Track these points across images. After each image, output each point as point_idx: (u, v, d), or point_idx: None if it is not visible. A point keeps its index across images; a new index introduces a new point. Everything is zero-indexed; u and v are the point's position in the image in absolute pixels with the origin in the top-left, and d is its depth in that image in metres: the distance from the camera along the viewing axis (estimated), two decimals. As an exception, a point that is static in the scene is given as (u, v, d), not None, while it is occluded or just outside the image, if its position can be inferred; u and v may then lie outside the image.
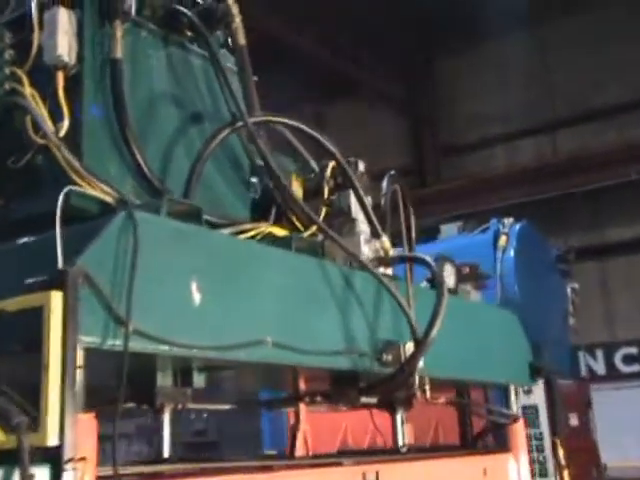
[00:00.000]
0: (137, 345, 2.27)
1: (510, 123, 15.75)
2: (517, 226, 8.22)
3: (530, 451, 7.14)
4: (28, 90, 2.86)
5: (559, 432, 4.66)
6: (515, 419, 4.31)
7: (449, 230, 9.11)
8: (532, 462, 7.10)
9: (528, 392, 7.16)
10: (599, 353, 14.35)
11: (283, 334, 2.79)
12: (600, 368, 14.29)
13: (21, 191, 2.88)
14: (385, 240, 3.49)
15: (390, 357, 3.24)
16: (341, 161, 3.43)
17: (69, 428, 2.02)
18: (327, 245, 3.29)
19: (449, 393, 4.73)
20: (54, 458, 2.00)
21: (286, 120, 3.35)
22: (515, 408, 4.42)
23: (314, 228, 3.39)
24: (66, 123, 2.80)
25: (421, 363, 3.29)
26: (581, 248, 14.57)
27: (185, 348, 2.42)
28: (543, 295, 8.32)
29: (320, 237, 3.39)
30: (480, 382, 4.35)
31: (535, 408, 7.20)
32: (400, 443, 4.05)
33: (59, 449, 1.99)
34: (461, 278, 4.45)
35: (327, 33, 14.80)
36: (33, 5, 2.97)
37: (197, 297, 2.50)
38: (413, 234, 4.18)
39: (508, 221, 8.28)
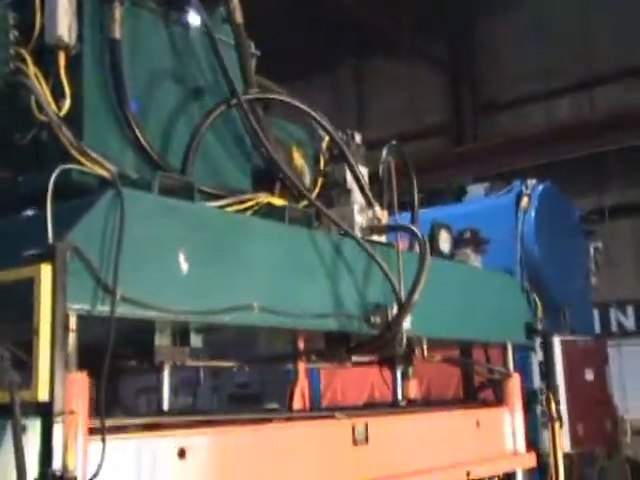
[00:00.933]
0: (125, 311, 2.50)
1: (549, 80, 15.58)
2: (539, 187, 8.28)
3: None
4: (32, 70, 3.03)
5: (555, 387, 4.84)
6: (509, 375, 4.50)
7: (476, 191, 9.19)
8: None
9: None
10: (630, 309, 14.35)
11: (270, 299, 3.00)
12: (630, 324, 14.30)
13: (27, 166, 3.09)
14: (377, 209, 3.65)
15: (378, 319, 3.44)
16: (334, 136, 3.59)
17: (59, 385, 2.26)
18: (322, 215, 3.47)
19: (453, 351, 4.94)
20: (45, 412, 2.24)
21: (278, 96, 3.50)
22: (511, 365, 4.59)
23: (309, 198, 3.58)
24: (67, 102, 2.99)
25: (408, 324, 3.48)
26: (615, 206, 14.53)
27: (171, 313, 2.65)
28: (565, 255, 8.40)
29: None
30: (475, 340, 4.53)
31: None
32: (399, 397, 4.29)
33: (49, 404, 2.23)
34: (461, 243, 4.61)
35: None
36: (35, -15, 3.15)
37: (184, 267, 2.71)
38: (415, 201, 4.33)
39: (531, 182, 8.33)
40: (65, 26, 3.03)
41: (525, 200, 8.06)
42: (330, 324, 3.28)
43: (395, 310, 3.41)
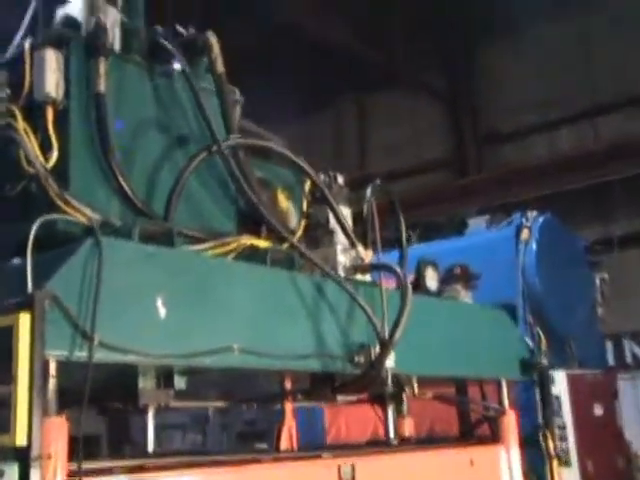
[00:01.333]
0: (104, 356, 2.59)
1: (550, 111, 15.68)
2: (540, 219, 8.33)
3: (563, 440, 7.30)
4: (21, 125, 3.19)
5: (552, 423, 4.84)
6: (503, 412, 4.52)
7: (477, 224, 9.26)
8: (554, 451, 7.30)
9: (552, 383, 7.33)
10: (645, 340, 14.19)
11: (251, 341, 3.08)
12: (646, 355, 14.14)
13: (17, 216, 3.21)
14: (360, 249, 3.74)
15: (362, 359, 3.50)
16: (315, 179, 3.70)
17: (36, 430, 2.34)
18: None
19: (449, 388, 4.97)
20: (23, 457, 2.32)
21: (257, 142, 3.62)
22: (506, 401, 4.61)
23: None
24: (55, 154, 3.14)
25: (392, 362, 3.54)
26: (624, 236, 14.51)
27: (150, 357, 2.73)
28: (568, 287, 8.41)
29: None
30: (466, 377, 4.57)
31: (557, 398, 7.35)
32: (392, 436, 4.33)
33: (27, 449, 2.32)
34: (452, 279, 4.67)
35: (364, 24, 14.95)
36: (26, 46, 3.31)
37: (162, 311, 2.80)
38: (403, 239, 4.40)
39: (531, 214, 8.40)
40: (53, 83, 3.20)
41: (525, 232, 8.12)
42: (313, 364, 3.35)
43: (378, 349, 3.47)
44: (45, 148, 3.16)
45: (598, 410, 7.87)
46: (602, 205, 14.63)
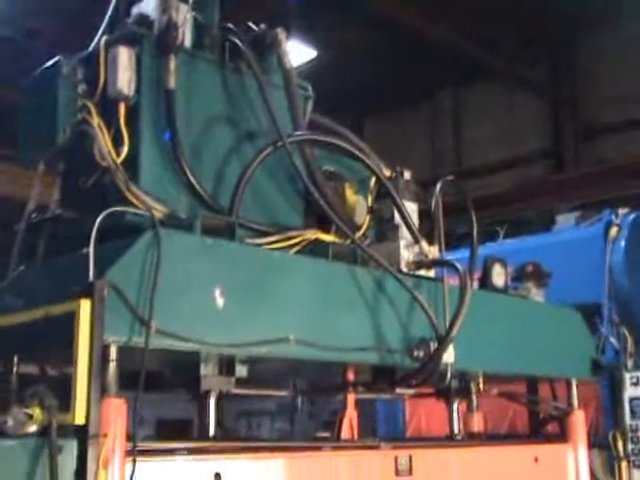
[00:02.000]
0: (160, 342, 2.71)
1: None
2: (630, 216, 8.07)
3: (636, 442, 7.11)
4: (95, 120, 3.36)
5: (624, 425, 4.73)
6: (572, 411, 4.46)
7: (566, 221, 9.04)
8: (637, 453, 7.09)
9: (636, 384, 7.13)
10: None
11: (307, 332, 3.15)
12: None
13: (91, 207, 3.38)
14: (424, 245, 3.75)
15: (421, 353, 3.53)
16: (379, 174, 3.73)
17: (94, 410, 2.49)
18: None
19: (518, 385, 4.93)
20: (82, 435, 2.47)
21: (321, 137, 3.67)
22: (575, 401, 4.54)
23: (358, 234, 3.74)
24: (125, 149, 3.29)
25: (451, 357, 3.56)
26: None
27: (206, 345, 2.85)
28: (657, 287, 8.12)
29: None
30: (532, 375, 4.52)
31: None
32: (456, 430, 4.34)
33: (85, 427, 2.47)
34: (523, 277, 4.63)
35: (464, 19, 14.78)
36: (101, 44, 3.47)
37: (220, 301, 2.91)
38: (474, 236, 4.38)
39: (622, 211, 8.14)
40: (125, 80, 3.34)
41: (614, 230, 7.87)
42: (371, 357, 3.40)
43: (436, 344, 3.49)
44: (117, 143, 3.32)
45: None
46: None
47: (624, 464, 4.59)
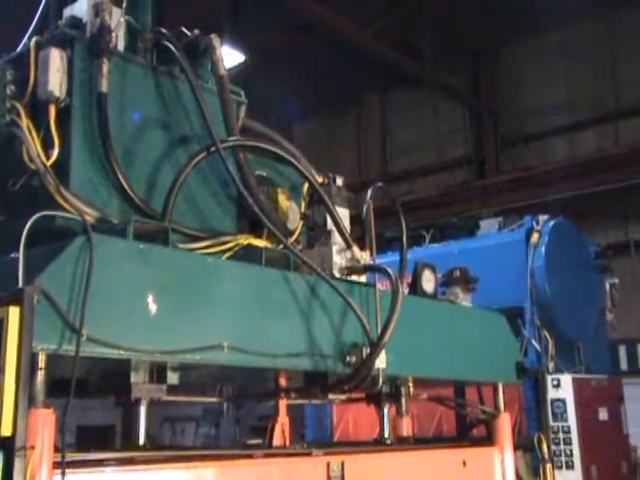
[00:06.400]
0: (91, 350, 2.66)
1: (572, 114, 15.62)
2: (551, 223, 8.33)
3: (557, 443, 7.32)
4: (24, 122, 3.27)
5: (547, 427, 4.87)
6: (498, 415, 4.56)
7: (489, 226, 9.26)
8: (558, 455, 7.29)
9: (557, 386, 7.35)
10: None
11: (240, 339, 3.13)
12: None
13: (21, 210, 3.29)
14: (356, 250, 3.78)
15: (354, 359, 3.55)
16: (311, 180, 3.75)
17: (21, 421, 2.41)
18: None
19: (446, 389, 5.02)
20: (8, 447, 2.40)
21: (254, 142, 3.67)
22: (501, 404, 4.65)
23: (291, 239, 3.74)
24: (56, 151, 3.21)
25: (383, 363, 3.59)
26: (641, 241, 14.42)
27: (138, 352, 2.80)
28: (577, 291, 8.41)
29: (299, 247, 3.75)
30: (460, 380, 4.60)
31: (563, 401, 7.35)
32: (386, 435, 4.39)
33: (12, 439, 2.39)
34: (451, 281, 4.71)
35: (390, 25, 14.94)
36: (31, 45, 3.39)
37: (153, 308, 2.87)
38: (404, 241, 4.43)
39: (542, 218, 8.40)
40: (57, 82, 3.27)
41: (535, 236, 8.12)
42: (303, 363, 3.40)
43: (368, 350, 3.52)
44: (47, 145, 3.24)
45: (603, 414, 7.87)
46: (620, 209, 14.54)
47: (549, 466, 4.70)
